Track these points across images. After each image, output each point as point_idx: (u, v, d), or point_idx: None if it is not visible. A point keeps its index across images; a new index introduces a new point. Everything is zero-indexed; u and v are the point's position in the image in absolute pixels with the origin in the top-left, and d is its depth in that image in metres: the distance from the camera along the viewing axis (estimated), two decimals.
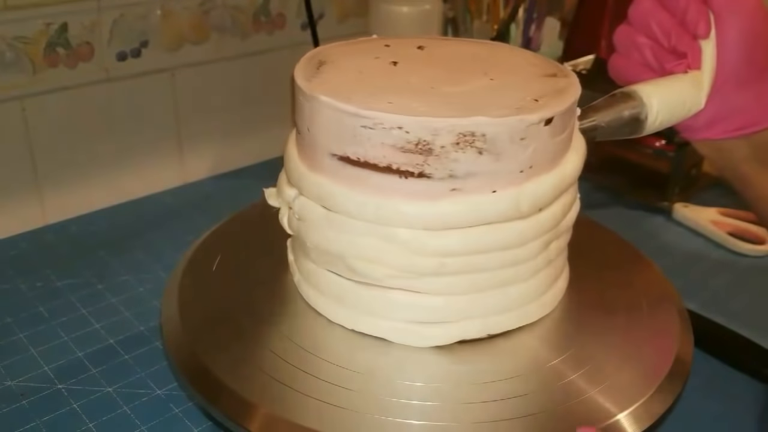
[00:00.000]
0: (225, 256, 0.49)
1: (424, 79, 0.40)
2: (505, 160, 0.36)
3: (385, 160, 0.36)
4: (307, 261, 0.42)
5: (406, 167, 0.36)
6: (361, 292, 0.40)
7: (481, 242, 0.38)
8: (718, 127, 0.45)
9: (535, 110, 0.36)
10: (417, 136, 0.35)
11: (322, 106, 0.37)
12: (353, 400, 0.37)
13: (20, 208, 0.65)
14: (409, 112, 0.35)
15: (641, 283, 0.47)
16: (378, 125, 0.35)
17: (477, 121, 0.35)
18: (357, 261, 0.39)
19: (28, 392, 0.46)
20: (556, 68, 0.42)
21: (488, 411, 0.36)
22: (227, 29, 0.73)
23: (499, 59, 0.44)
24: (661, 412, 0.37)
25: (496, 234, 0.38)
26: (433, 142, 0.35)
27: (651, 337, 0.42)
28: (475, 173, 0.36)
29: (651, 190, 0.73)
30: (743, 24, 0.42)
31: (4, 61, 0.60)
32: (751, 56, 0.43)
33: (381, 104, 0.36)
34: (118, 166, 0.70)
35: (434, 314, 0.40)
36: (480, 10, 0.82)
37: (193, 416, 0.45)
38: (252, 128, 0.79)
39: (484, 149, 0.35)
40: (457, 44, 0.47)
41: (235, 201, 0.57)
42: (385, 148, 0.36)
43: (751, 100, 0.43)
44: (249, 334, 0.42)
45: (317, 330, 0.42)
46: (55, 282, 0.58)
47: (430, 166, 0.36)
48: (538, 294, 0.42)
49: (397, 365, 0.40)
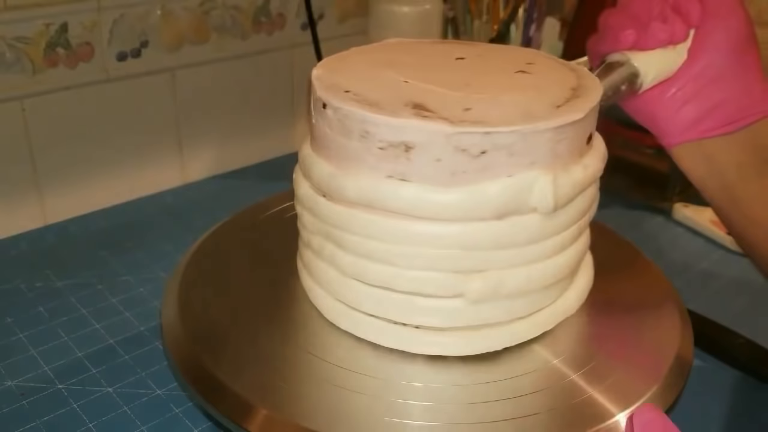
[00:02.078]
0: (225, 256, 0.49)
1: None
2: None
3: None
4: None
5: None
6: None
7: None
8: (703, 124, 0.44)
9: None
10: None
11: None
12: (353, 400, 0.37)
13: (20, 208, 0.65)
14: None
15: (641, 283, 0.47)
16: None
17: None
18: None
19: (28, 392, 0.46)
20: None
21: (488, 411, 0.36)
22: (227, 29, 0.73)
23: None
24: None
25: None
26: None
27: (651, 337, 0.42)
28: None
29: (651, 190, 0.73)
30: (729, 23, 0.42)
31: (4, 61, 0.60)
32: (738, 55, 0.43)
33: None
34: (118, 166, 0.70)
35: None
36: (480, 10, 0.82)
37: (193, 416, 0.45)
38: (252, 128, 0.79)
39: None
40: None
41: (235, 201, 0.57)
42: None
43: (738, 91, 0.43)
44: (249, 334, 0.42)
45: (318, 330, 0.42)
46: (55, 282, 0.58)
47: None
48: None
49: (397, 365, 0.40)
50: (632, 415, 0.34)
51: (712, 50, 0.43)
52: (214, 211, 0.64)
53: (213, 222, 0.53)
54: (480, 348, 0.40)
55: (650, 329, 0.43)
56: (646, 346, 0.42)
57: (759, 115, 0.43)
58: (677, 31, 0.42)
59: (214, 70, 0.74)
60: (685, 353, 0.41)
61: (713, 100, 0.43)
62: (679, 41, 0.43)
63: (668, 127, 0.45)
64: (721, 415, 0.47)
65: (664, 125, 0.45)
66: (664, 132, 0.45)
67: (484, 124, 0.35)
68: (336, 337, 0.41)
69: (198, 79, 0.73)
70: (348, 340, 0.41)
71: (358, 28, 0.83)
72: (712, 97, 0.43)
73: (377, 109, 0.36)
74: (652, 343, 0.42)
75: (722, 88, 0.43)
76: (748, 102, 0.43)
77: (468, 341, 0.40)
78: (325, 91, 0.38)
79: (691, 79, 0.43)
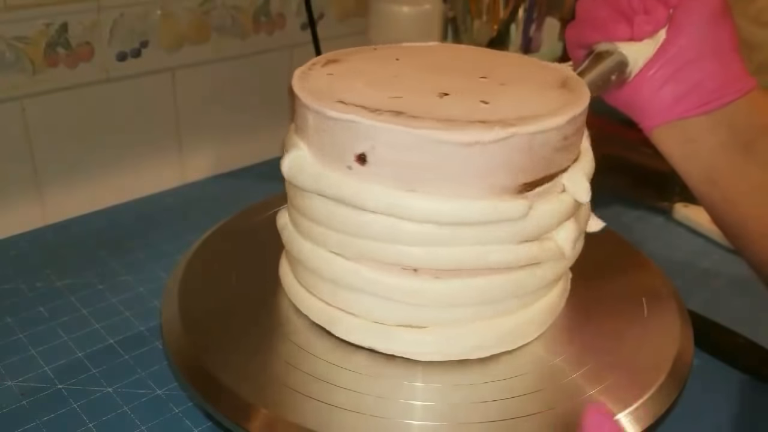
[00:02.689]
0: (225, 256, 0.49)
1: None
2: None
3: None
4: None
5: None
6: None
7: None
8: (682, 104, 0.43)
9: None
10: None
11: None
12: (353, 400, 0.37)
13: (20, 208, 0.65)
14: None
15: (641, 283, 0.47)
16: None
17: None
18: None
19: (28, 392, 0.46)
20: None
21: (488, 411, 0.36)
22: (227, 29, 0.73)
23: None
24: (661, 412, 0.37)
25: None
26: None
27: (651, 337, 0.42)
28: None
29: (651, 190, 0.73)
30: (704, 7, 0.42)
31: (4, 61, 0.60)
32: (714, 31, 0.42)
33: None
34: (118, 166, 0.70)
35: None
36: (480, 10, 0.82)
37: (193, 416, 0.45)
38: (252, 128, 0.79)
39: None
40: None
41: (235, 201, 0.57)
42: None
43: (716, 69, 0.42)
44: (249, 334, 0.42)
45: (317, 330, 0.42)
46: (55, 282, 0.58)
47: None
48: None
49: (396, 365, 0.39)
50: (583, 417, 0.32)
51: (690, 28, 0.42)
52: (213, 211, 0.64)
53: (213, 222, 0.53)
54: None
55: (650, 329, 0.43)
56: (646, 346, 0.42)
57: (737, 93, 0.43)
58: (660, 19, 0.42)
59: (214, 70, 0.74)
60: (685, 353, 0.41)
61: (692, 80, 0.43)
62: (662, 27, 0.43)
63: (648, 109, 0.44)
64: (721, 415, 0.47)
65: (643, 107, 0.44)
66: (644, 114, 0.45)
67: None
68: (336, 337, 0.41)
69: (198, 79, 0.73)
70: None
71: (358, 27, 0.82)
72: (690, 76, 0.43)
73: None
74: (652, 343, 0.42)
75: (700, 67, 0.43)
76: (726, 80, 0.43)
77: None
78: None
79: (669, 59, 0.43)
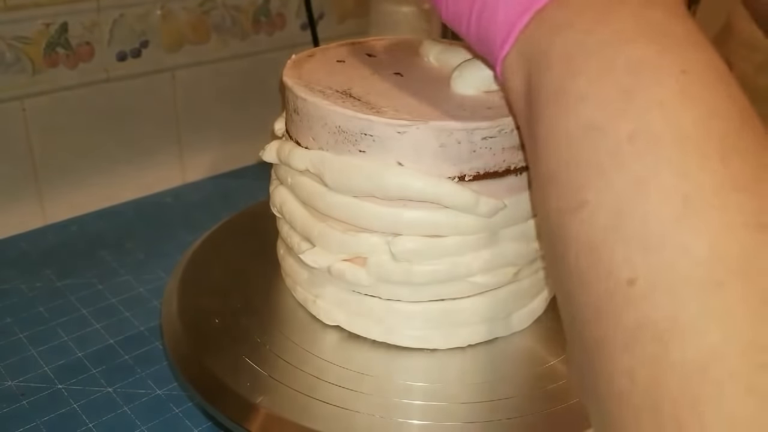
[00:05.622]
0: (225, 256, 0.49)
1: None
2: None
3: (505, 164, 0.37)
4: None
5: (522, 163, 0.37)
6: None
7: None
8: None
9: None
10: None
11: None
12: (353, 400, 0.37)
13: (20, 208, 0.65)
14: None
15: None
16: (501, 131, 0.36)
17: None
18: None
19: (28, 392, 0.46)
20: None
21: (485, 411, 0.36)
22: (227, 29, 0.73)
23: None
24: None
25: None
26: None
27: None
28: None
29: None
30: None
31: (4, 61, 0.60)
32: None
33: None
34: (118, 166, 0.70)
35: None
36: None
37: (193, 416, 0.45)
38: (252, 128, 0.79)
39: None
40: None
41: (235, 201, 0.57)
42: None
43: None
44: (249, 334, 0.42)
45: (317, 330, 0.42)
46: (55, 282, 0.58)
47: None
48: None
49: (396, 365, 0.40)
50: None
51: None
52: (213, 211, 0.64)
53: (213, 222, 0.53)
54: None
55: None
56: None
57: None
58: None
59: (214, 70, 0.74)
60: None
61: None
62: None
63: (495, 30, 0.29)
64: None
65: (490, 29, 0.30)
66: (493, 38, 0.30)
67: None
68: (336, 337, 0.41)
69: (198, 79, 0.73)
70: (348, 339, 0.41)
71: (358, 28, 0.83)
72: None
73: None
74: None
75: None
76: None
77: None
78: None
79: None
